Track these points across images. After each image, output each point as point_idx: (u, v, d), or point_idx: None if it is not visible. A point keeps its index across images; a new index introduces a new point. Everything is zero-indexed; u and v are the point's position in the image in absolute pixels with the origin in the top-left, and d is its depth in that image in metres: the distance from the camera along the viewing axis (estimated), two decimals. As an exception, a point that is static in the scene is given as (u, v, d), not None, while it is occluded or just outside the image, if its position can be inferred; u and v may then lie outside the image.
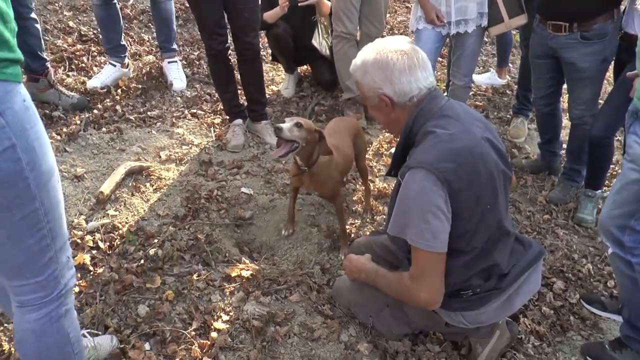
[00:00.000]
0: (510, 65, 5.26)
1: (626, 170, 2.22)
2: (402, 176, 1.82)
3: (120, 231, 2.66)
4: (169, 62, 4.21)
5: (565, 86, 3.40)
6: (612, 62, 3.21)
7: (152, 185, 3.05)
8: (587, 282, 2.91)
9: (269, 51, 4.67)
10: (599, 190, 3.41)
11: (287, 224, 2.92)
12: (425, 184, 1.75)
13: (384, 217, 3.15)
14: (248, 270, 2.55)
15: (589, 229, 3.34)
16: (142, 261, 2.50)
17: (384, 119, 2.00)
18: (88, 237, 2.58)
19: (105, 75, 4.01)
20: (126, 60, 4.13)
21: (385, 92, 1.86)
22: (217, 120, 3.82)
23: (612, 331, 2.65)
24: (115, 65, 4.04)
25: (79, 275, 2.36)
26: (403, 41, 1.91)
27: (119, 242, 2.60)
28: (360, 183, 3.32)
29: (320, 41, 4.34)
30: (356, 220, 3.10)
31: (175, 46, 4.26)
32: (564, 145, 3.78)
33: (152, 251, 2.55)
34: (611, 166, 3.48)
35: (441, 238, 1.78)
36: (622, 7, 3.04)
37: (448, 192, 1.76)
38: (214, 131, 3.70)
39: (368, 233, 2.95)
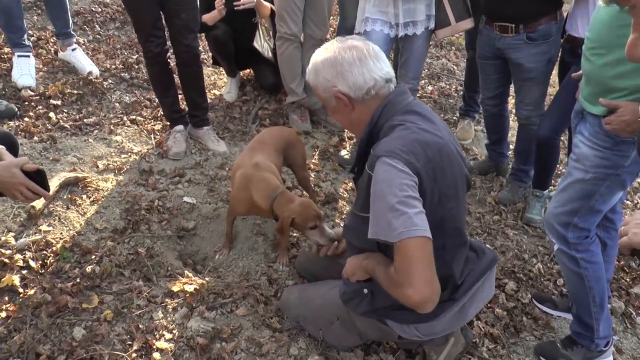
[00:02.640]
0: (455, 67, 5.33)
1: (571, 169, 2.25)
2: (371, 167, 1.71)
3: (54, 248, 2.51)
4: (72, 50, 4.05)
5: (512, 87, 3.45)
6: (557, 64, 3.26)
7: (89, 197, 2.90)
8: (538, 282, 2.98)
9: (210, 54, 4.55)
10: (546, 190, 3.48)
11: (224, 247, 2.82)
12: (397, 170, 1.63)
13: (333, 222, 3.11)
14: (191, 284, 2.45)
15: (538, 229, 3.42)
16: (78, 279, 2.36)
17: (345, 121, 1.92)
18: (17, 256, 2.41)
19: (31, 69, 3.80)
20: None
21: (340, 89, 1.79)
22: (158, 127, 3.68)
23: (563, 329, 2.72)
24: (29, 56, 3.84)
25: (6, 298, 2.21)
26: (352, 38, 1.85)
27: (52, 260, 2.45)
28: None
29: (261, 43, 4.26)
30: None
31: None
32: (511, 146, 3.85)
33: (89, 268, 2.41)
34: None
35: (422, 221, 1.60)
36: (565, 13, 3.10)
37: (417, 182, 1.66)
38: (155, 138, 3.57)
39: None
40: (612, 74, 2.03)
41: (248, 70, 4.58)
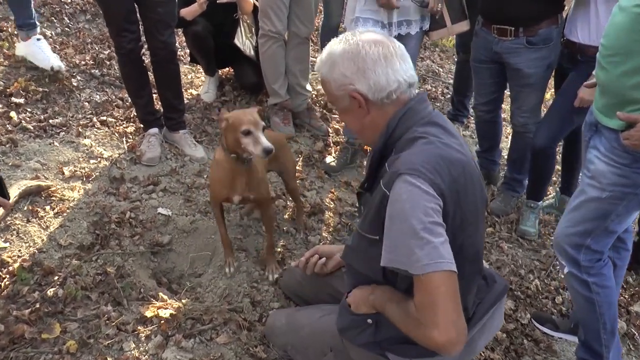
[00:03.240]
0: (440, 69, 5.17)
1: (585, 186, 2.11)
2: (388, 185, 1.49)
3: (11, 268, 2.24)
4: (37, 40, 3.73)
5: (508, 93, 3.31)
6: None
7: (53, 209, 2.62)
8: (537, 300, 2.87)
9: (187, 51, 4.29)
10: (540, 201, 3.36)
11: (226, 257, 2.56)
12: (422, 191, 1.43)
13: (320, 236, 2.90)
14: (167, 308, 2.21)
15: (533, 242, 3.30)
16: (37, 305, 2.10)
17: (356, 124, 1.68)
18: (-32, 278, 2.14)
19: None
20: None
21: (358, 88, 1.56)
22: (130, 129, 3.40)
23: (565, 353, 2.61)
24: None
25: (-48, 330, 1.94)
26: (374, 32, 1.63)
27: (7, 282, 2.18)
28: (290, 199, 3.03)
29: (243, 41, 4.04)
30: (288, 242, 2.82)
31: None
32: (503, 154, 3.71)
33: (50, 291, 2.15)
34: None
35: (449, 253, 1.42)
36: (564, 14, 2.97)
37: (441, 206, 1.46)
38: (127, 142, 3.29)
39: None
40: (631, 84, 1.88)
41: (227, 68, 4.34)
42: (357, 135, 1.76)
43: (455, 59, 4.25)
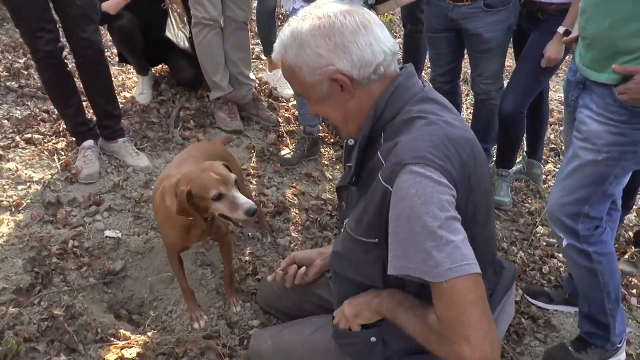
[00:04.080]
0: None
1: (578, 150, 1.95)
2: (389, 179, 1.24)
3: None
4: None
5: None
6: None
7: (-21, 248, 2.25)
8: (525, 273, 2.78)
9: (115, 50, 3.90)
10: (511, 169, 3.24)
11: (191, 312, 2.13)
12: (434, 182, 1.19)
13: (290, 237, 2.64)
14: (132, 346, 1.91)
15: (509, 212, 3.20)
16: (-28, 369, 1.75)
17: (338, 113, 1.40)
18: None
19: None
20: None
21: (340, 68, 1.29)
22: (61, 145, 3.02)
23: (564, 326, 2.50)
24: None
25: None
26: (336, 2, 1.37)
27: None
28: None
29: (175, 32, 3.73)
30: (256, 248, 2.55)
31: None
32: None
33: (-14, 350, 1.81)
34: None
35: (471, 252, 1.19)
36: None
37: (455, 197, 1.23)
38: (59, 160, 2.90)
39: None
40: (625, 33, 1.71)
41: (161, 65, 3.98)
42: (340, 127, 1.46)
43: (402, 33, 4.03)
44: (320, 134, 3.47)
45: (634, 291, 2.70)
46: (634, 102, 1.75)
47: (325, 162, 3.40)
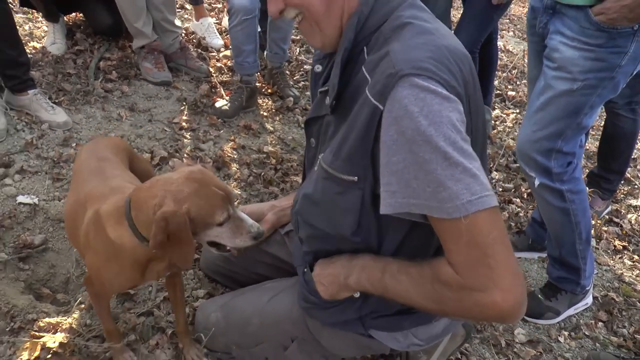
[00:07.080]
0: None
1: (551, 80, 1.81)
2: (382, 95, 1.00)
3: None
4: None
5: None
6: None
7: None
8: None
9: (16, -6, 3.42)
10: None
11: (116, 357, 1.59)
12: (440, 97, 0.97)
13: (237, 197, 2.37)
14: (55, 331, 1.61)
15: None
16: None
17: (321, 11, 1.11)
18: None
19: None
20: None
21: None
22: (-42, 102, 2.59)
23: (530, 273, 2.44)
24: None
25: None
26: None
27: None
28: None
29: (88, -27, 3.26)
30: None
31: None
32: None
33: None
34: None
35: (487, 180, 1.00)
36: None
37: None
38: (-44, 118, 2.48)
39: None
40: None
41: (74, 14, 3.52)
42: (317, 26, 1.15)
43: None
44: (257, 84, 3.18)
45: (592, 232, 2.62)
46: (611, 23, 1.63)
47: (264, 114, 3.13)
